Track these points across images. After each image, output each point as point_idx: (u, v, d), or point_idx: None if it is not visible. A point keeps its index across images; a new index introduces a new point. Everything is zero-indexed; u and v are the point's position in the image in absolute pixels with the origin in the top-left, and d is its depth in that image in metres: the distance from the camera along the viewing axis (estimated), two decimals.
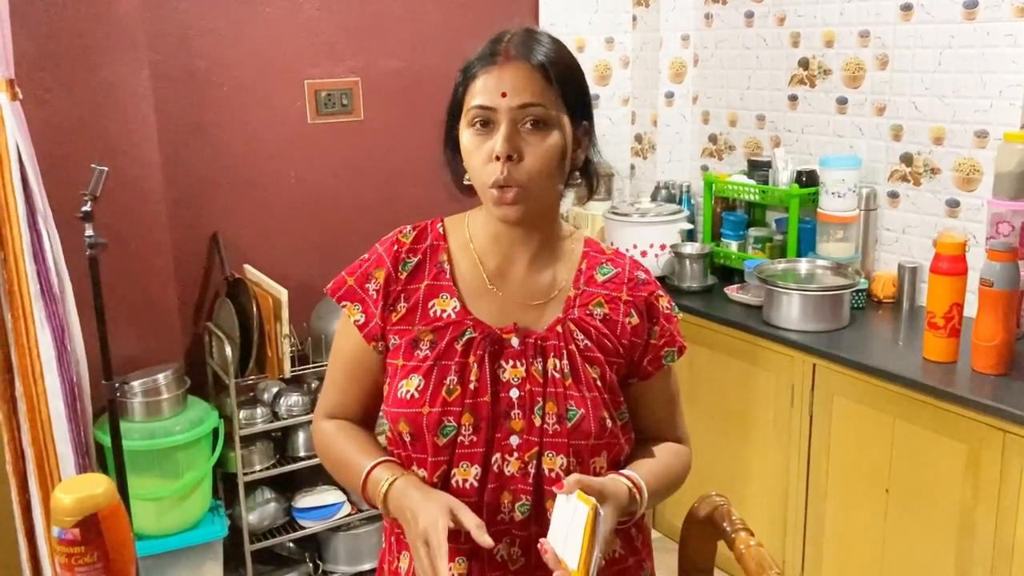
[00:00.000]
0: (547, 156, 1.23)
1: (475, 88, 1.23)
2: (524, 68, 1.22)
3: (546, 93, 1.22)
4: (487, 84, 1.22)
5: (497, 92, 1.21)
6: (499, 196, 1.23)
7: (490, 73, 1.22)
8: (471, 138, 1.24)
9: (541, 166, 1.22)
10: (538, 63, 1.22)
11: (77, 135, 2.62)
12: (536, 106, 1.21)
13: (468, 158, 1.25)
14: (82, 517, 1.22)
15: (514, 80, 1.21)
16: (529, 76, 1.22)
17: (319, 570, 3.08)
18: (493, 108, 1.21)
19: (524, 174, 1.22)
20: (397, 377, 1.29)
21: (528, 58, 1.22)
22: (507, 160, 1.21)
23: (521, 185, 1.22)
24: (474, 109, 1.22)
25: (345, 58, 3.13)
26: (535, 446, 1.25)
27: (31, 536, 2.52)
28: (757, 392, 2.86)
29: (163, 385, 2.69)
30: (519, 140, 1.21)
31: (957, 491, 2.31)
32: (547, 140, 1.23)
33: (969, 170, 2.76)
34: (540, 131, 1.22)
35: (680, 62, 3.64)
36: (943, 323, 2.41)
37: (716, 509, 1.27)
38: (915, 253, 2.94)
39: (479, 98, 1.22)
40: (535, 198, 1.25)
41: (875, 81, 2.99)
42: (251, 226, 3.06)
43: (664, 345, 1.36)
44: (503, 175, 1.21)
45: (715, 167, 3.61)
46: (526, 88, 1.21)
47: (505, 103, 1.21)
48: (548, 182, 1.25)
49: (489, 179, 1.22)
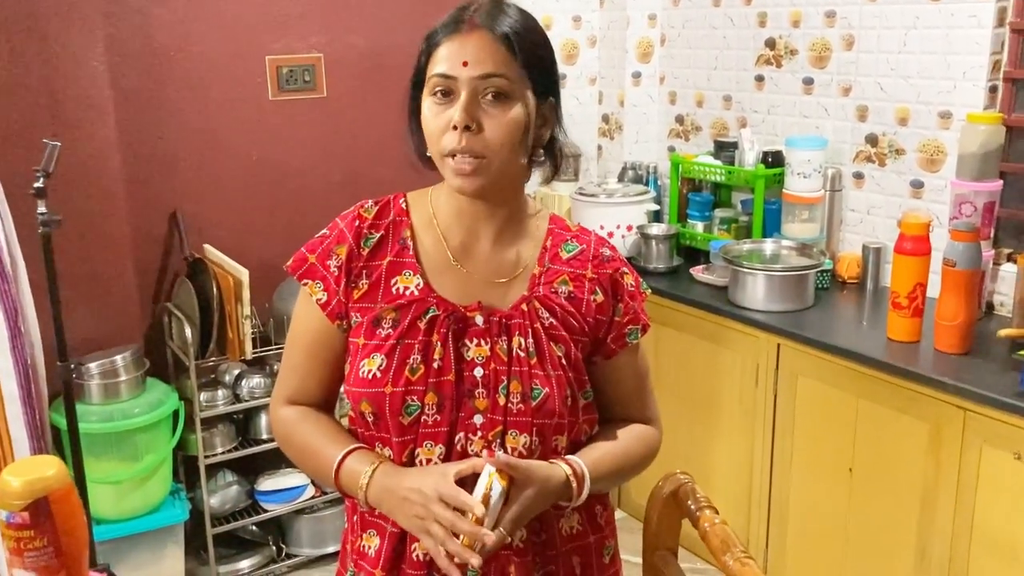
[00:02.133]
0: (507, 129, 1.20)
1: (437, 56, 1.20)
2: (487, 37, 1.19)
3: (509, 64, 1.19)
4: (449, 52, 1.19)
5: (458, 61, 1.18)
6: (456, 166, 1.20)
7: (453, 41, 1.19)
8: (431, 107, 1.21)
9: (501, 138, 1.20)
10: (502, 33, 1.19)
11: (29, 107, 2.55)
12: (498, 76, 1.19)
13: (427, 126, 1.23)
14: (32, 500, 1.17)
15: (476, 49, 1.18)
16: (492, 46, 1.19)
17: (282, 553, 3.05)
18: (454, 77, 1.18)
19: (482, 145, 1.19)
20: (359, 356, 1.26)
21: (492, 28, 1.19)
22: (465, 130, 1.18)
23: (478, 155, 1.19)
24: (435, 77, 1.20)
25: (308, 34, 3.07)
26: (499, 425, 1.23)
27: None
28: (722, 372, 2.86)
29: (121, 367, 2.64)
30: (478, 111, 1.19)
31: (919, 468, 2.33)
32: (508, 113, 1.20)
33: (933, 151, 2.77)
34: (501, 103, 1.19)
35: (647, 42, 3.62)
36: (907, 303, 2.42)
37: (680, 487, 1.26)
38: (879, 234, 2.95)
39: (440, 66, 1.19)
40: (494, 171, 1.22)
41: (841, 62, 2.99)
42: (211, 205, 3.00)
43: (628, 323, 1.34)
44: (460, 144, 1.18)
45: (682, 148, 3.60)
46: (488, 58, 1.18)
47: (466, 72, 1.18)
48: (508, 155, 1.22)
49: (446, 148, 1.20)
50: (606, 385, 1.36)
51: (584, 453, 1.29)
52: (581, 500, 1.25)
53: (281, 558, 3.04)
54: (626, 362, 1.36)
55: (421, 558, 1.25)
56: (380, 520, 1.28)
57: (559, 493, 1.22)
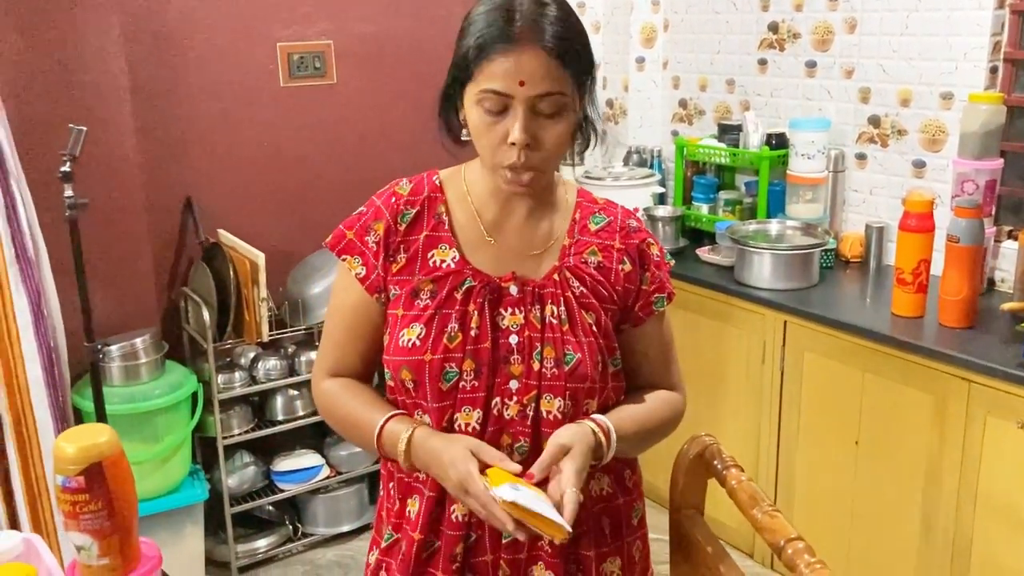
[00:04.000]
0: (562, 140, 1.25)
1: (489, 69, 1.20)
2: (541, 56, 1.19)
3: (562, 79, 1.21)
4: (504, 69, 1.19)
5: (515, 80, 1.19)
6: (513, 177, 1.25)
7: (507, 58, 1.19)
8: (482, 117, 1.23)
9: (556, 150, 1.25)
10: (555, 49, 1.19)
11: (47, 95, 2.58)
12: (554, 95, 1.20)
13: (478, 136, 1.25)
14: (86, 465, 1.22)
15: (532, 68, 1.19)
16: (546, 64, 1.19)
17: (298, 532, 3.10)
18: (510, 95, 1.20)
19: (540, 160, 1.24)
20: (398, 326, 1.31)
21: (544, 42, 1.19)
22: (524, 147, 1.21)
23: (536, 169, 1.24)
24: (489, 92, 1.21)
25: (317, 21, 3.11)
26: (534, 389, 1.28)
27: (9, 501, 2.51)
28: (729, 350, 2.92)
29: (141, 349, 2.68)
30: (535, 126, 1.22)
31: (924, 440, 2.39)
32: (561, 125, 1.23)
33: (935, 131, 2.83)
34: (555, 116, 1.22)
35: (651, 27, 3.66)
36: (911, 279, 2.48)
37: (706, 448, 1.32)
38: (882, 213, 3.01)
39: (496, 83, 1.20)
40: (546, 176, 1.29)
41: (844, 44, 3.04)
42: (225, 190, 3.05)
43: (655, 291, 1.39)
44: (520, 160, 1.22)
45: (685, 132, 3.65)
46: (544, 77, 1.19)
47: (523, 92, 1.19)
48: (560, 159, 1.29)
49: (504, 161, 1.23)
50: (634, 352, 1.40)
51: (610, 414, 1.33)
52: (609, 456, 1.29)
53: (297, 537, 3.09)
54: (653, 329, 1.41)
55: (460, 519, 1.30)
56: (420, 484, 1.33)
57: (593, 449, 1.27)
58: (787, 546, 1.09)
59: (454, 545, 1.31)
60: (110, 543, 1.26)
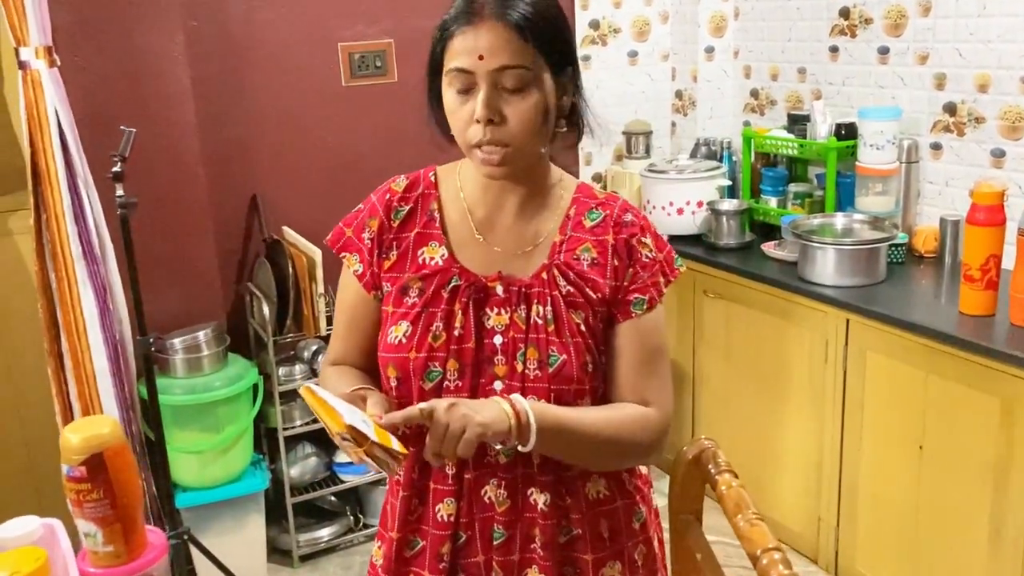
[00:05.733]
0: (529, 116, 1.22)
1: (452, 49, 1.21)
2: (499, 29, 1.19)
3: (524, 53, 1.20)
4: (464, 46, 1.19)
5: (474, 55, 1.19)
6: (484, 156, 1.23)
7: (466, 34, 1.19)
8: (453, 98, 1.23)
9: (523, 125, 1.22)
10: (514, 22, 1.19)
11: (114, 100, 2.70)
12: (514, 67, 1.19)
13: (451, 118, 1.25)
14: (89, 455, 1.27)
15: (490, 42, 1.18)
16: (505, 37, 1.19)
17: (359, 523, 3.16)
18: (471, 71, 1.20)
19: (507, 135, 1.22)
20: (388, 323, 1.32)
21: (503, 17, 1.19)
22: (488, 123, 1.20)
23: (504, 145, 1.22)
24: (453, 72, 1.21)
25: (378, 19, 3.15)
26: (517, 391, 1.26)
27: None
28: (791, 349, 2.82)
29: (203, 342, 2.77)
30: (500, 102, 1.20)
31: (991, 446, 2.26)
32: (528, 100, 1.21)
33: (1015, 118, 2.66)
34: (520, 92, 1.21)
35: (720, 15, 3.57)
36: (979, 275, 2.34)
37: (703, 452, 1.27)
38: (958, 206, 2.85)
39: (457, 60, 1.20)
40: (520, 157, 1.25)
41: (917, 29, 2.89)
42: (289, 188, 3.12)
43: (635, 291, 1.30)
44: (485, 137, 1.21)
45: (757, 122, 3.55)
46: (503, 49, 1.19)
47: (483, 66, 1.19)
48: (533, 140, 1.24)
49: (472, 140, 1.23)
50: (609, 349, 1.31)
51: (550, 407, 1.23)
52: (530, 445, 1.19)
53: (358, 527, 3.15)
54: (628, 332, 1.30)
55: (445, 518, 1.30)
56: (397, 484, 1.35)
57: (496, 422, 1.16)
58: (763, 556, 1.05)
59: (439, 545, 1.31)
60: (113, 531, 1.31)
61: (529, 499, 1.30)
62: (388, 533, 1.39)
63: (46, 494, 2.75)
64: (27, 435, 2.87)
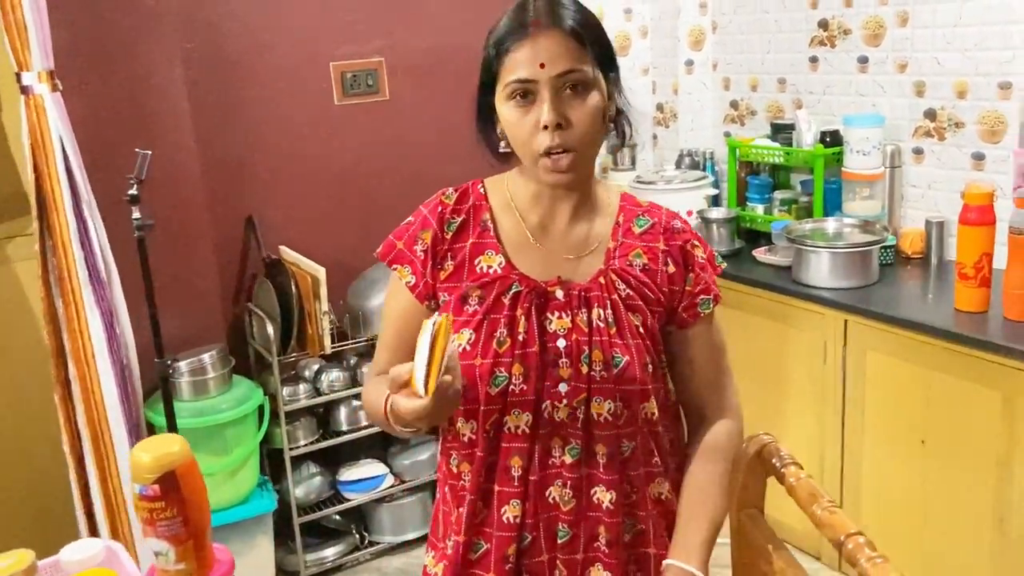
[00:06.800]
0: (592, 116, 1.27)
1: (511, 62, 1.25)
2: (557, 35, 1.24)
3: (582, 56, 1.25)
4: (524, 57, 1.24)
5: (535, 63, 1.23)
6: (552, 163, 1.26)
7: (524, 45, 1.24)
8: (513, 110, 1.27)
9: (588, 127, 1.27)
10: (570, 28, 1.24)
11: (115, 123, 2.69)
12: (576, 71, 1.24)
13: (512, 130, 1.28)
14: (161, 473, 1.27)
15: (550, 49, 1.23)
16: (563, 42, 1.24)
17: (365, 540, 3.16)
18: (534, 80, 1.24)
19: (574, 138, 1.26)
20: None
21: (559, 24, 1.24)
22: (556, 128, 1.24)
23: (573, 149, 1.26)
24: (514, 83, 1.25)
25: (369, 39, 3.18)
26: (583, 392, 1.30)
27: (90, 514, 2.61)
28: (790, 351, 2.90)
29: (209, 364, 2.76)
30: (563, 106, 1.25)
31: (993, 438, 2.35)
32: (589, 101, 1.26)
33: (993, 122, 2.77)
34: (581, 94, 1.25)
35: (699, 29, 3.66)
36: (973, 273, 2.44)
37: (764, 447, 1.31)
38: (942, 208, 2.96)
39: (518, 71, 1.24)
40: (584, 162, 1.30)
41: (896, 38, 3.00)
42: (285, 208, 3.13)
43: (700, 293, 1.39)
44: (554, 142, 1.25)
45: (737, 132, 3.64)
46: (563, 55, 1.23)
47: (545, 73, 1.23)
48: (594, 141, 1.30)
49: (540, 147, 1.26)
50: (681, 358, 1.41)
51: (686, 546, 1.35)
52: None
53: (364, 545, 3.15)
54: (700, 333, 1.41)
55: (511, 520, 1.33)
56: (464, 490, 1.37)
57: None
58: (847, 541, 1.09)
59: (506, 547, 1.33)
60: (186, 548, 1.31)
61: (593, 498, 1.34)
62: (446, 541, 1.41)
63: (47, 527, 2.70)
64: (30, 468, 2.82)
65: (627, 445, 1.35)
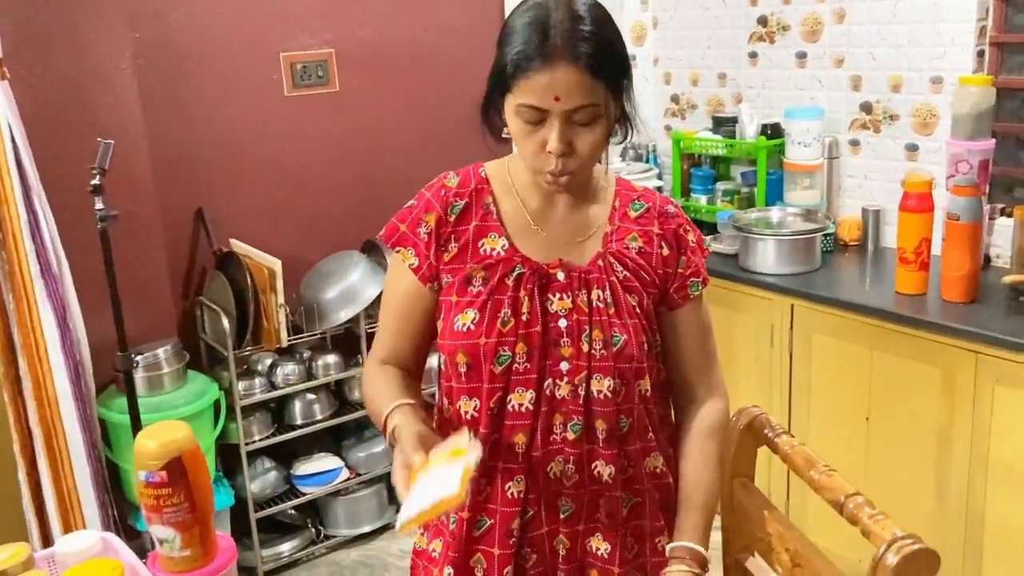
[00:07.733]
0: (596, 145, 1.31)
1: (526, 85, 1.25)
2: (572, 72, 1.23)
3: (595, 91, 1.25)
4: (539, 86, 1.24)
5: (550, 96, 1.24)
6: (553, 180, 1.32)
7: (540, 73, 1.23)
8: (521, 126, 1.30)
9: (592, 154, 1.31)
10: (585, 64, 1.24)
11: (64, 114, 2.62)
12: (587, 107, 1.26)
13: (518, 140, 1.32)
14: (167, 460, 1.27)
15: (566, 84, 1.24)
16: (578, 80, 1.24)
17: (321, 535, 3.14)
18: (546, 110, 1.26)
19: (576, 164, 1.30)
20: (452, 312, 1.37)
21: (577, 59, 1.23)
22: (561, 155, 1.28)
23: (574, 173, 1.31)
24: (526, 108, 1.27)
25: (319, 30, 3.16)
26: (583, 370, 1.35)
27: (41, 515, 2.54)
28: (738, 336, 3.00)
29: (164, 360, 2.71)
30: (571, 134, 1.28)
31: (934, 412, 2.48)
32: (596, 132, 1.29)
33: (926, 115, 2.92)
34: (589, 124, 1.28)
35: (640, 25, 3.74)
36: (913, 257, 2.56)
37: (755, 419, 1.38)
38: (877, 197, 3.10)
39: (531, 98, 1.25)
40: (585, 174, 1.36)
41: (833, 35, 3.13)
42: (234, 200, 3.09)
43: (690, 275, 1.46)
44: (558, 168, 1.29)
45: (678, 126, 3.73)
46: (577, 91, 1.24)
47: (559, 107, 1.25)
48: (596, 160, 1.36)
49: (543, 167, 1.31)
50: (671, 338, 1.47)
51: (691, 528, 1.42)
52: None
53: (320, 539, 3.14)
54: (689, 313, 1.47)
55: (515, 495, 1.37)
56: None
57: None
58: (847, 501, 1.16)
59: (510, 521, 1.37)
60: (192, 535, 1.31)
61: (594, 472, 1.38)
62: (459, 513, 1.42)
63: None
64: None
65: (625, 421, 1.39)
